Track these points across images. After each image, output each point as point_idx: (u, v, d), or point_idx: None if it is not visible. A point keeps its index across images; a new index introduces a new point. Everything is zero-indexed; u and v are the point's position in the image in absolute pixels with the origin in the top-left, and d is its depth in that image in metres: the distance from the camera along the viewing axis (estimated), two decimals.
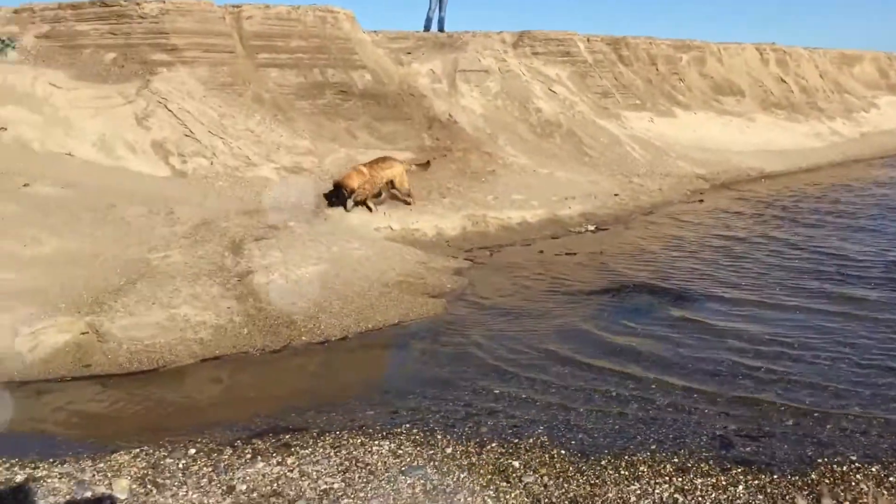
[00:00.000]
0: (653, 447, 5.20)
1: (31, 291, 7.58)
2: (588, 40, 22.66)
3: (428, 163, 13.62)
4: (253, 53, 14.96)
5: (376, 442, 5.22)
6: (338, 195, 11.64)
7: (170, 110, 12.74)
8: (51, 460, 5.05)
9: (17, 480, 4.75)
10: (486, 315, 8.49)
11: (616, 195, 15.04)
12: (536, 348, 7.35)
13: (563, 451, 5.11)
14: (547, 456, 5.05)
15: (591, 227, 13.16)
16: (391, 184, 12.30)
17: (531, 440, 5.25)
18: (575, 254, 11.33)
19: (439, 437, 5.28)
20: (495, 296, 9.21)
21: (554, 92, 19.43)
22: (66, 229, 9.23)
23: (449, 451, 5.05)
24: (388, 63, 17.21)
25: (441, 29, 20.44)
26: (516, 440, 5.23)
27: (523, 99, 18.23)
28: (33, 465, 4.96)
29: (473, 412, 5.80)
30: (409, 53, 18.13)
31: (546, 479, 4.73)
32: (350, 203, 11.64)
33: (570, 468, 4.89)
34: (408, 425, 5.50)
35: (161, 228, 9.37)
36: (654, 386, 6.35)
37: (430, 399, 6.13)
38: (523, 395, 6.11)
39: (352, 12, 16.83)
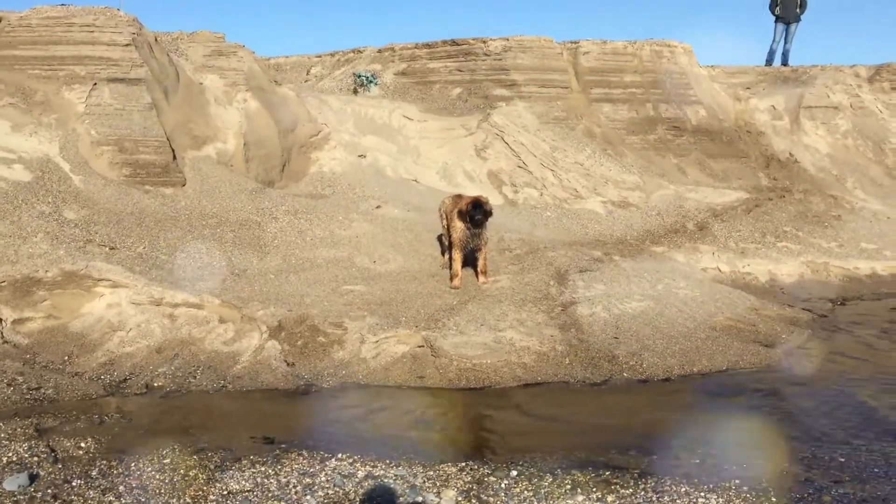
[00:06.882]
0: None
1: (377, 303, 8.31)
2: None
3: None
4: (587, 88, 15.23)
5: (702, 494, 4.90)
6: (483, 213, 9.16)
7: (506, 142, 13.37)
8: (387, 461, 5.42)
9: (359, 476, 5.16)
10: (827, 374, 7.66)
11: None
12: (890, 421, 6.48)
13: None
14: None
15: None
16: None
17: None
18: None
19: (773, 499, 4.83)
20: (837, 353, 8.31)
21: None
22: (409, 248, 10.03)
23: None
24: (724, 98, 16.57)
25: (785, 63, 19.23)
26: None
27: (879, 139, 16.52)
28: (372, 464, 5.35)
29: (813, 478, 5.23)
30: (748, 88, 17.30)
31: None
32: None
33: None
34: (737, 481, 5.10)
35: (490, 254, 9.78)
36: None
37: (760, 456, 5.65)
38: (874, 469, 5.40)
39: (690, 46, 16.49)
